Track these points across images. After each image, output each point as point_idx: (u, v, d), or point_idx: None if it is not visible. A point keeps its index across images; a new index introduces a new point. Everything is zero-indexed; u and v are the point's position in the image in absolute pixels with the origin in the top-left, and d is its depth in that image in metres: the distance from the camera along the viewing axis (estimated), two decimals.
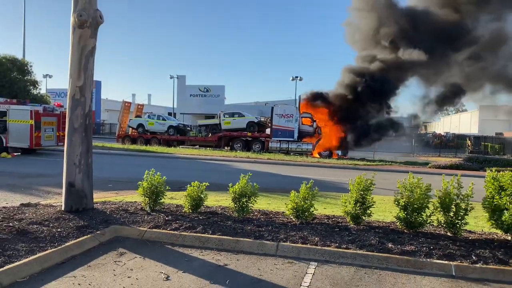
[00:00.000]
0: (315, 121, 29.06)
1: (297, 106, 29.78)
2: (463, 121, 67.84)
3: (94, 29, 6.68)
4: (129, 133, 32.72)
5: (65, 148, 7.03)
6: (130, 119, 33.11)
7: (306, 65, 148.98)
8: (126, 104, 33.92)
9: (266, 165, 20.09)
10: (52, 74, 73.29)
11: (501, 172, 5.98)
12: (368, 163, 23.78)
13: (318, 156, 27.79)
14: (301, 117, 28.60)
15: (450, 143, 44.67)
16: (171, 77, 54.84)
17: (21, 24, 35.51)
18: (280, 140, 28.13)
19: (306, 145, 28.18)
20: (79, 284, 4.42)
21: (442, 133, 53.80)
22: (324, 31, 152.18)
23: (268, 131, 29.56)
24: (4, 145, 20.08)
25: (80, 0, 6.54)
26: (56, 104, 23.38)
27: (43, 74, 55.44)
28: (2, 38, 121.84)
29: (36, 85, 30.39)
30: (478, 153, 33.59)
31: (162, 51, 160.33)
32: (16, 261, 4.67)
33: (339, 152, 27.96)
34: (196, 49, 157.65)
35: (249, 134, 29.58)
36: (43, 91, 38.60)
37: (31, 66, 29.68)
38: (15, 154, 19.89)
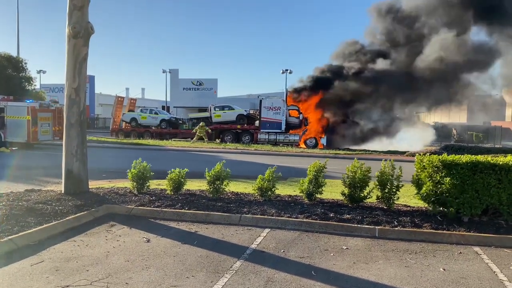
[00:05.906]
0: (301, 113, 30.28)
1: (285, 98, 30.93)
2: (453, 110, 69.19)
3: (86, 39, 7.83)
4: (123, 127, 33.71)
5: (63, 140, 8.21)
6: (123, 114, 34.07)
7: (298, 58, 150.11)
8: (119, 99, 34.93)
9: (252, 156, 21.34)
10: (45, 70, 73.52)
11: (425, 155, 7.23)
12: (349, 152, 24.98)
13: (304, 146, 29.02)
14: (288, 109, 29.83)
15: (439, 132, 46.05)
16: (164, 71, 55.52)
17: (15, 21, 36.21)
18: (268, 132, 29.36)
19: (293, 136, 29.46)
20: (79, 246, 5.64)
21: (432, 123, 55.22)
22: (317, 24, 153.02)
23: (257, 123, 30.76)
24: (3, 140, 21.14)
25: (74, 14, 7.69)
26: (51, 100, 24.42)
27: (37, 70, 56.00)
28: None
29: (31, 82, 31.22)
30: (463, 142, 34.96)
31: (155, 45, 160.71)
32: (28, 230, 5.88)
33: (324, 143, 29.20)
34: (190, 43, 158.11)
35: (238, 126, 30.77)
36: (37, 87, 39.52)
37: (25, 63, 30.50)
38: (13, 148, 20.90)
